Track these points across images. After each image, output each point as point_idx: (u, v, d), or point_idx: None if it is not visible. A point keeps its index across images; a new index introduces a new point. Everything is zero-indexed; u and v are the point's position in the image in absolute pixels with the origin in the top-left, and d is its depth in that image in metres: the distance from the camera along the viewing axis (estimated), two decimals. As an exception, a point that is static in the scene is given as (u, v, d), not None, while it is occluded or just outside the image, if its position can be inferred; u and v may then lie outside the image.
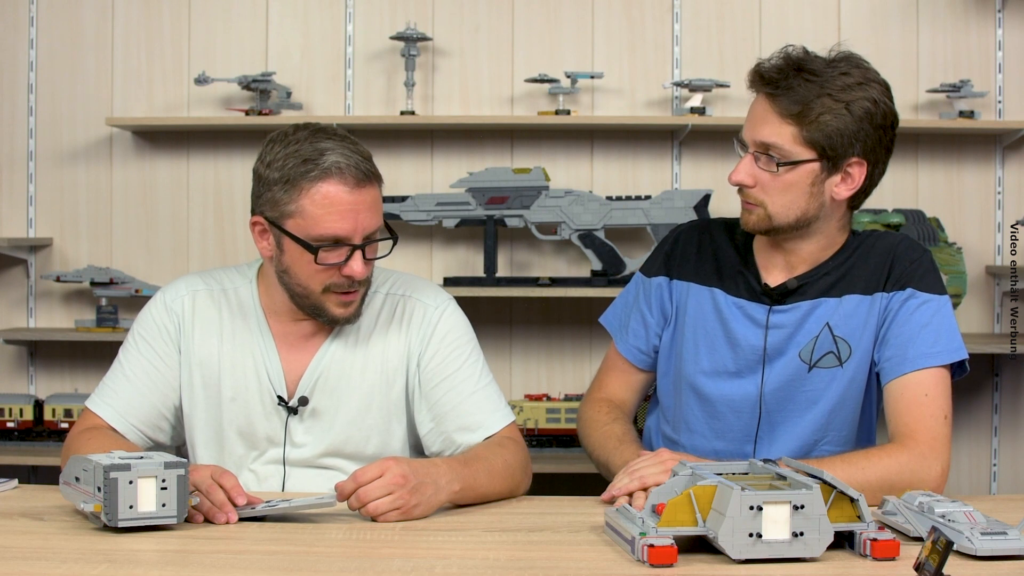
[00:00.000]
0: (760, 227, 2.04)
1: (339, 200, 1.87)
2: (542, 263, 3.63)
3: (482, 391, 2.05)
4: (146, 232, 3.64)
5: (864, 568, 1.50)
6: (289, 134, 1.93)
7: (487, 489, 1.89)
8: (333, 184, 1.87)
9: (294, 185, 1.88)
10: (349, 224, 1.88)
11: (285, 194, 1.89)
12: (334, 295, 1.94)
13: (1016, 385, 3.63)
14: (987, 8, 3.57)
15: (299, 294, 1.96)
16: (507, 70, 3.60)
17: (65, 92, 3.63)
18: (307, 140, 1.90)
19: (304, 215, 1.88)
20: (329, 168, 1.87)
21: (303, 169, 1.88)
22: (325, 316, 1.97)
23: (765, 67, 2.00)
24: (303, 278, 1.93)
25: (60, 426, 3.47)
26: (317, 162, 1.87)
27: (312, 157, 1.88)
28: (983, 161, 3.60)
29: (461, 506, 1.87)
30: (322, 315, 1.97)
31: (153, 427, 2.04)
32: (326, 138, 1.91)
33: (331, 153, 1.88)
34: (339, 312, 1.96)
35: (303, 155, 1.88)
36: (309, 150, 1.88)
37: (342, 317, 1.97)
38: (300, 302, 1.97)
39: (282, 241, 1.92)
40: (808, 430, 2.07)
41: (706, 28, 3.59)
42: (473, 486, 1.86)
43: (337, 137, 1.92)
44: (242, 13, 3.61)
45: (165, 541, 1.61)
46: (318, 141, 1.90)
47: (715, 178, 3.54)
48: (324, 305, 1.95)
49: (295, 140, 1.91)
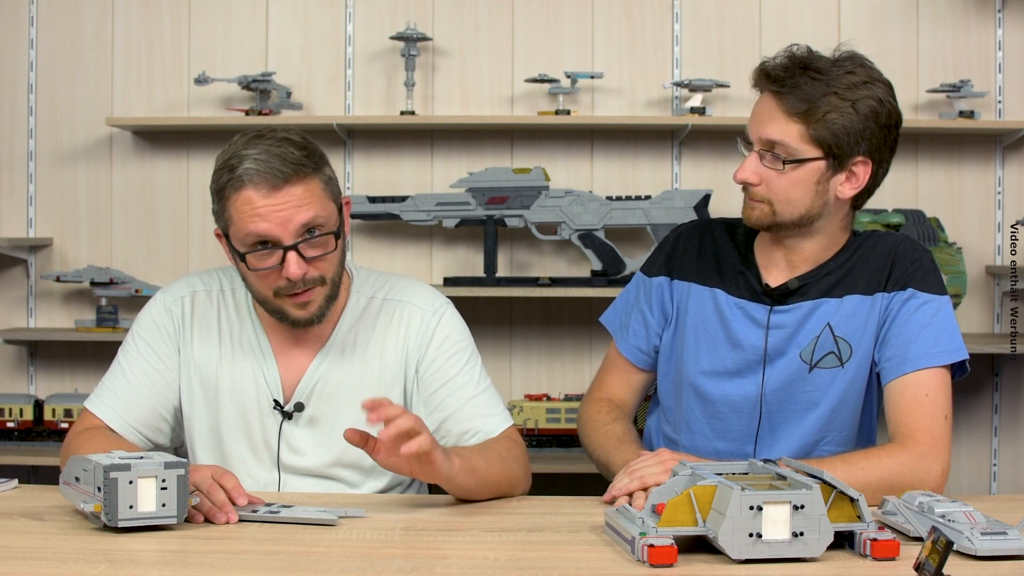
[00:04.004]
0: (763, 223, 2.04)
1: (256, 204, 1.87)
2: (542, 263, 3.63)
3: (481, 395, 2.05)
4: (146, 232, 3.64)
5: (864, 568, 1.50)
6: (233, 143, 1.94)
7: (485, 472, 1.88)
8: (249, 190, 1.88)
9: (221, 195, 1.91)
10: (270, 224, 1.88)
11: (219, 205, 1.93)
12: (287, 298, 1.94)
13: (1016, 385, 3.63)
14: (987, 8, 3.57)
15: (259, 300, 1.99)
16: (507, 70, 3.60)
17: (65, 92, 3.62)
18: (238, 149, 1.91)
19: (233, 223, 1.90)
20: (241, 176, 1.88)
21: (224, 180, 1.90)
22: (287, 319, 1.97)
23: (770, 66, 2.00)
24: (253, 284, 1.96)
25: (60, 426, 3.47)
26: (235, 170, 1.88)
27: (232, 166, 1.89)
28: (983, 161, 3.60)
29: (463, 502, 1.87)
30: (284, 318, 1.97)
31: (152, 428, 2.04)
32: (256, 143, 1.90)
33: (248, 160, 1.88)
34: (298, 314, 1.96)
35: (228, 164, 1.90)
36: (234, 160, 1.89)
37: (302, 319, 1.96)
38: (264, 307, 1.99)
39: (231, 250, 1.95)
40: (809, 430, 2.07)
41: (706, 28, 3.59)
42: (472, 466, 1.85)
43: (269, 140, 1.90)
44: (242, 13, 3.61)
45: (165, 541, 1.61)
46: (246, 148, 1.90)
47: (715, 178, 3.54)
48: (282, 308, 1.96)
49: (229, 151, 1.92)
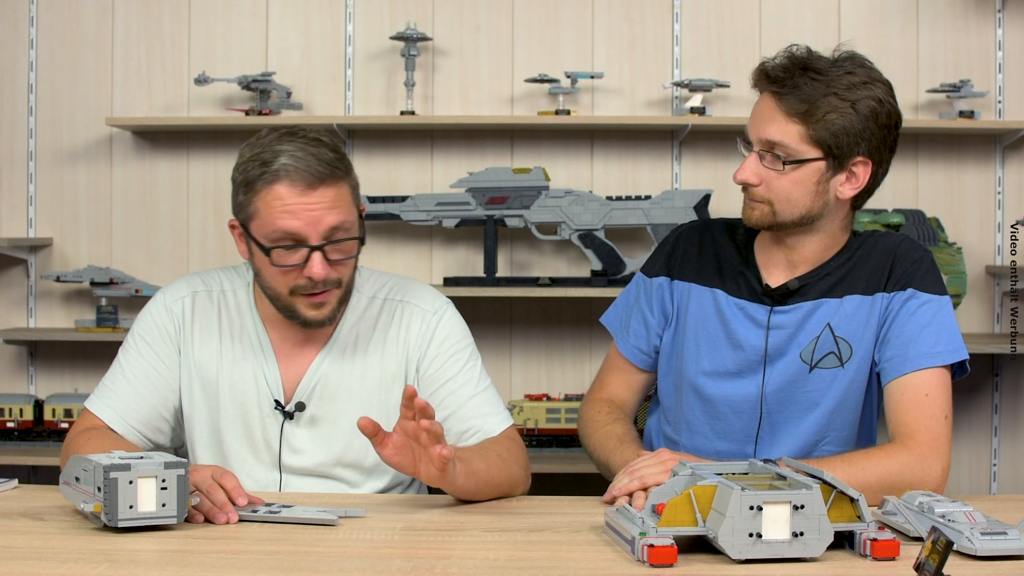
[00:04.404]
0: (763, 223, 2.04)
1: (289, 201, 1.88)
2: (542, 263, 3.63)
3: (481, 395, 2.05)
4: (146, 232, 3.64)
5: (864, 568, 1.50)
6: (261, 137, 1.95)
7: (484, 475, 1.88)
8: (283, 186, 1.88)
9: (251, 188, 1.91)
10: (300, 223, 1.88)
11: (245, 196, 1.92)
12: (302, 297, 1.94)
13: (1016, 385, 3.63)
14: (987, 8, 3.57)
15: (271, 296, 1.98)
16: (507, 70, 3.60)
17: (65, 92, 3.62)
18: (270, 143, 1.91)
19: (259, 216, 1.90)
20: (278, 170, 1.88)
21: (257, 172, 1.90)
22: (298, 318, 1.97)
23: (770, 66, 2.00)
24: (269, 280, 1.95)
25: (60, 426, 3.47)
26: (270, 164, 1.89)
27: (267, 160, 1.90)
28: (983, 161, 3.60)
29: (463, 502, 1.87)
30: (295, 317, 1.97)
31: (152, 428, 2.04)
32: (290, 140, 1.91)
33: (284, 155, 1.89)
34: (310, 314, 1.96)
35: (261, 158, 1.90)
36: (267, 154, 1.90)
37: (314, 319, 1.96)
38: (275, 304, 1.98)
39: (250, 243, 1.95)
40: (809, 431, 2.06)
41: (706, 28, 3.59)
42: (472, 469, 1.84)
43: (303, 140, 1.92)
44: (242, 13, 3.61)
45: (165, 541, 1.61)
46: (279, 144, 1.91)
47: (715, 178, 3.54)
48: (295, 307, 1.96)
49: (258, 145, 1.93)
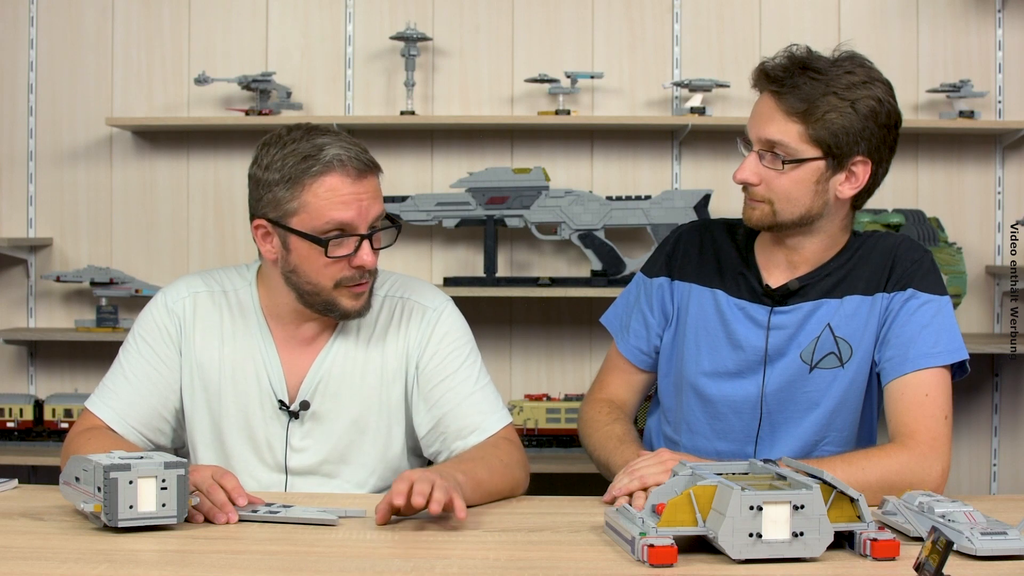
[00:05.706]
0: (763, 223, 2.04)
1: (343, 190, 1.89)
2: (542, 263, 3.63)
3: (480, 392, 2.05)
4: (146, 232, 3.64)
5: (864, 568, 1.50)
6: (283, 135, 1.94)
7: (489, 485, 1.89)
8: (336, 176, 1.89)
9: (296, 182, 1.89)
10: (354, 212, 1.89)
11: (287, 192, 1.90)
12: (346, 288, 1.94)
13: (1016, 385, 3.63)
14: (987, 8, 3.57)
15: (309, 292, 1.96)
16: (507, 70, 3.60)
17: (65, 92, 3.62)
18: (303, 139, 1.92)
19: (308, 209, 1.89)
20: (331, 161, 1.88)
21: (304, 166, 1.89)
22: (337, 311, 1.97)
23: (770, 65, 2.00)
24: (313, 275, 1.93)
25: (60, 426, 3.47)
26: (317, 157, 1.89)
27: (312, 153, 1.89)
28: (983, 161, 3.60)
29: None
30: (334, 310, 1.97)
31: (153, 429, 2.04)
32: (321, 135, 1.92)
33: (330, 147, 1.90)
34: (351, 305, 1.96)
35: (302, 153, 1.90)
36: (307, 147, 1.90)
37: (354, 310, 1.96)
38: (310, 300, 1.97)
39: (288, 241, 1.93)
40: (809, 431, 2.06)
41: (706, 28, 3.59)
42: (475, 479, 1.85)
43: (332, 134, 1.93)
44: (242, 13, 3.61)
45: (165, 541, 1.61)
46: (314, 138, 1.92)
47: (715, 178, 3.54)
48: (336, 300, 1.95)
49: (291, 140, 1.92)
